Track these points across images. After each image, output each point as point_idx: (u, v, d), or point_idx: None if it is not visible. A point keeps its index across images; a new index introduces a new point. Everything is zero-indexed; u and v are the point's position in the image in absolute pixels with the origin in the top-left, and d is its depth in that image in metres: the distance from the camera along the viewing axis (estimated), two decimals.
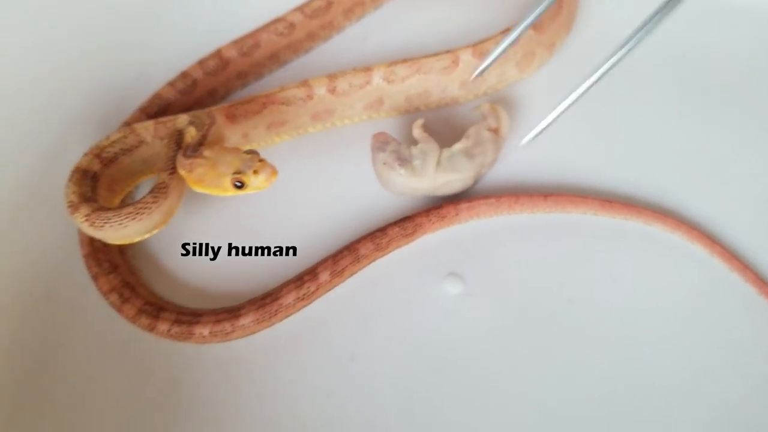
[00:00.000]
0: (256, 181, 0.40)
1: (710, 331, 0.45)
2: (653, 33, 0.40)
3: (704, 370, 0.43)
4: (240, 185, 0.40)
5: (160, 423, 0.43)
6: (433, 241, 0.48)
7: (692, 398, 0.42)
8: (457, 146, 0.48)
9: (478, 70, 0.49)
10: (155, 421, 0.43)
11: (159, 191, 0.42)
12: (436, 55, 0.51)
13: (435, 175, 0.47)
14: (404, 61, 0.51)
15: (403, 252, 0.48)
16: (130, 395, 0.44)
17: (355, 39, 0.58)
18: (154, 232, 0.43)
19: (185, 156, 0.41)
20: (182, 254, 0.49)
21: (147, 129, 0.47)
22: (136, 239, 0.43)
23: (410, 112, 0.54)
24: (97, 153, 0.45)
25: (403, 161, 0.47)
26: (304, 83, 0.50)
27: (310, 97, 0.50)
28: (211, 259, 0.49)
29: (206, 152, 0.41)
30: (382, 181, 0.49)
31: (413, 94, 0.52)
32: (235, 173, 0.40)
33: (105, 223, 0.41)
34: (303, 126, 0.52)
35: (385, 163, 0.47)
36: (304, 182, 0.51)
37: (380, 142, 0.48)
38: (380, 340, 0.45)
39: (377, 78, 0.51)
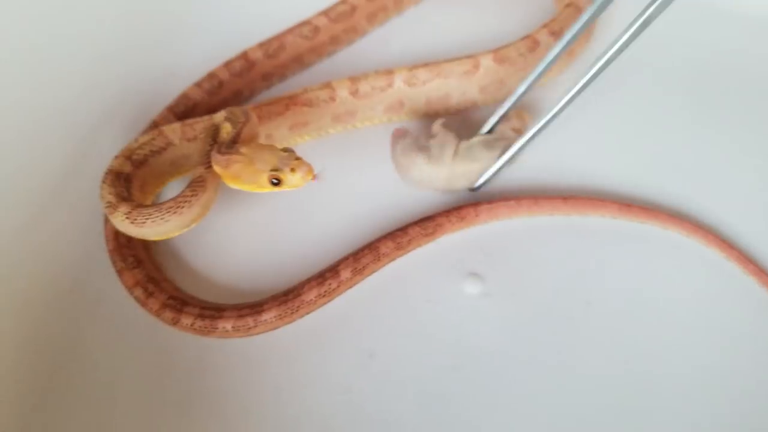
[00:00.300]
0: (293, 179, 0.40)
1: (726, 333, 0.45)
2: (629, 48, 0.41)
3: (720, 372, 0.44)
4: (277, 182, 0.40)
5: (182, 416, 0.44)
6: (453, 241, 0.49)
7: (706, 400, 0.43)
8: (477, 138, 0.49)
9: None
10: (177, 414, 0.44)
11: (197, 185, 0.42)
12: (457, 59, 0.52)
13: (452, 164, 0.48)
14: (425, 65, 0.52)
15: (423, 251, 0.49)
16: (153, 388, 0.45)
17: (378, 43, 0.59)
18: (192, 226, 0.44)
19: (220, 153, 0.42)
20: (205, 251, 0.50)
21: (174, 131, 0.47)
22: (175, 234, 0.43)
23: (429, 115, 0.55)
24: (128, 155, 0.46)
25: (422, 148, 0.48)
26: (327, 85, 0.51)
27: (332, 99, 0.51)
28: (234, 256, 0.49)
29: (243, 149, 0.42)
30: (399, 170, 0.49)
31: (433, 97, 0.53)
32: (272, 170, 0.40)
33: (147, 219, 0.42)
34: (324, 127, 0.53)
35: (403, 151, 0.48)
36: (326, 182, 0.52)
37: (400, 134, 0.49)
38: (400, 338, 0.46)
39: (398, 81, 0.52)
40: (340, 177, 0.52)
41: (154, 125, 0.52)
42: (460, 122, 0.52)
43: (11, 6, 0.52)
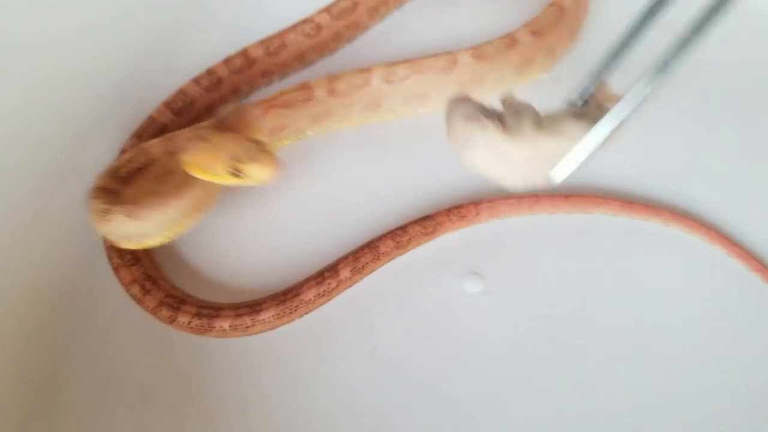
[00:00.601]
0: (256, 173, 0.37)
1: (730, 330, 0.45)
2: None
3: (722, 369, 0.44)
4: (237, 173, 0.37)
5: (179, 415, 0.44)
6: (454, 239, 0.49)
7: (708, 396, 0.43)
8: (558, 109, 0.36)
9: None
10: (173, 413, 0.44)
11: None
12: (435, 55, 0.50)
13: (535, 137, 0.34)
14: (404, 61, 0.50)
15: (423, 250, 0.48)
16: (150, 387, 0.44)
17: (379, 41, 0.59)
18: (197, 216, 0.42)
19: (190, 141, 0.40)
20: (203, 249, 0.49)
21: (154, 146, 0.46)
22: (182, 227, 0.42)
23: (408, 114, 0.53)
24: (113, 173, 0.45)
25: (492, 115, 0.35)
26: (304, 85, 0.50)
27: (309, 99, 0.50)
28: (232, 254, 0.49)
29: (214, 136, 0.39)
30: (458, 146, 0.36)
31: (412, 95, 0.52)
32: (232, 159, 0.37)
33: (149, 209, 0.41)
34: (303, 129, 0.52)
35: (466, 117, 0.36)
36: (326, 180, 0.52)
37: (461, 97, 0.38)
38: (399, 337, 0.45)
39: (376, 78, 0.50)
40: (338, 175, 0.52)
41: (151, 121, 0.52)
42: None
43: (12, 3, 0.52)
